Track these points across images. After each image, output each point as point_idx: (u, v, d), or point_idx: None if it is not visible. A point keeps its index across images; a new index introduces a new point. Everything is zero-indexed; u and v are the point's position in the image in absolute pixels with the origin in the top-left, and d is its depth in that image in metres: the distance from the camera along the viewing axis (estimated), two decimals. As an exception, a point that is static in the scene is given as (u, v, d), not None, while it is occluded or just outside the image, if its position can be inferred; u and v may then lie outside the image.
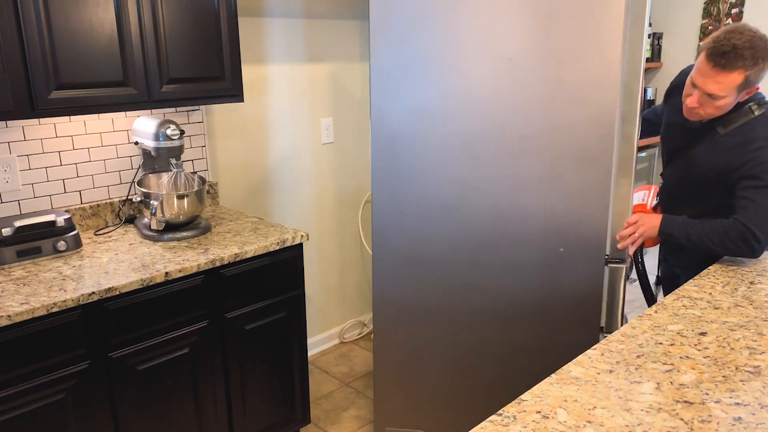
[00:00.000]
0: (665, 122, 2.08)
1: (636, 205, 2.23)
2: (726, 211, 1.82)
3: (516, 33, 1.88)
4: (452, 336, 2.21)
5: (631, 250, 2.00)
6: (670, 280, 2.18)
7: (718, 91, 1.72)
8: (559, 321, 2.08)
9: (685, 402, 1.19)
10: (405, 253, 2.18)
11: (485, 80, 1.93)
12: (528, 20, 1.85)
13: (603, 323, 2.05)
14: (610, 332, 2.05)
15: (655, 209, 2.18)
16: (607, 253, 1.99)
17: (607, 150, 1.87)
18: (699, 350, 1.38)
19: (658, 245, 2.23)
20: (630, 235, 1.94)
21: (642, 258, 2.18)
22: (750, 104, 1.79)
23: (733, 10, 4.97)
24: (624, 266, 1.99)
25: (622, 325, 2.06)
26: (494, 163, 1.99)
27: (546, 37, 1.85)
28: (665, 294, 2.19)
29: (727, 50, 1.66)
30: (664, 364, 1.33)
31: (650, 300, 2.21)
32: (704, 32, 5.13)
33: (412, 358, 2.28)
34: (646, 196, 2.24)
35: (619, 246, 1.98)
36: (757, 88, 1.77)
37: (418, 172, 2.08)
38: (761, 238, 1.75)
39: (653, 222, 1.92)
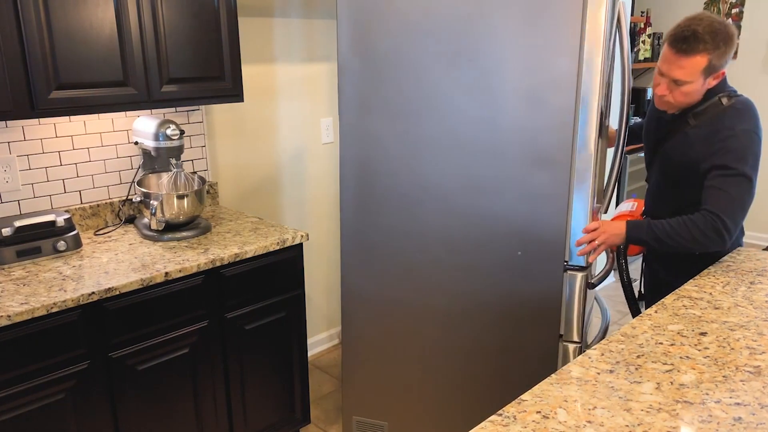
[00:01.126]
0: (647, 117, 2.07)
1: (621, 213, 2.18)
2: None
3: (478, 35, 1.87)
4: (416, 332, 2.23)
5: (591, 258, 1.94)
6: (658, 289, 2.09)
7: (683, 77, 1.74)
8: (519, 325, 2.06)
9: (685, 402, 1.19)
10: (372, 249, 2.20)
11: (448, 82, 1.94)
12: (489, 23, 1.85)
13: (562, 331, 2.01)
14: (570, 341, 2.00)
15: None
16: (566, 259, 1.95)
17: (565, 154, 1.85)
18: (699, 350, 1.38)
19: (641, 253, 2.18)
20: (590, 242, 1.89)
21: (626, 267, 2.12)
22: (720, 96, 1.80)
23: (734, 10, 4.97)
24: (584, 274, 1.94)
25: (583, 335, 2.00)
26: (456, 164, 2.00)
27: (507, 40, 1.84)
28: (649, 305, 2.12)
29: (688, 35, 1.69)
30: (664, 364, 1.33)
31: (635, 311, 2.15)
32: (704, 32, 5.13)
33: (377, 351, 2.31)
34: (635, 206, 2.20)
35: (577, 253, 1.93)
36: (723, 73, 1.77)
37: (385, 169, 2.10)
38: (731, 227, 1.73)
39: (616, 230, 1.87)
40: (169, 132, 2.16)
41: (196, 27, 2.13)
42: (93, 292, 1.76)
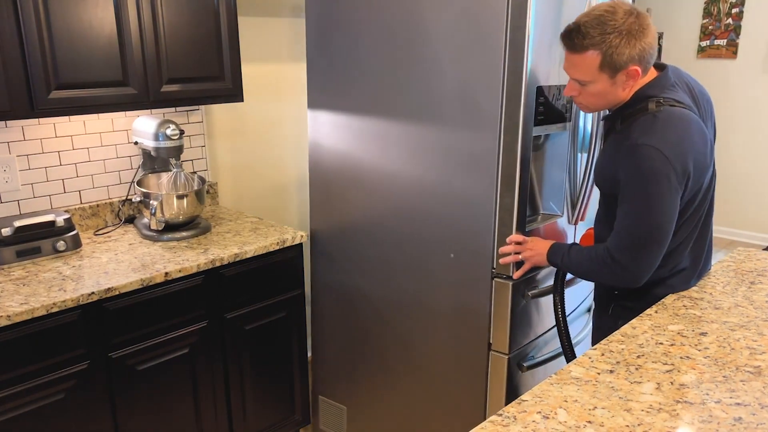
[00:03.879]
0: None
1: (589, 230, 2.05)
2: None
3: (417, 41, 1.93)
4: (371, 324, 2.31)
5: (516, 274, 1.86)
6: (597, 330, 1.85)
7: (580, 76, 1.54)
8: (454, 328, 2.06)
9: (686, 402, 1.19)
10: (332, 238, 2.34)
11: (393, 83, 2.01)
12: (425, 28, 1.89)
13: (491, 340, 1.98)
14: (498, 351, 1.97)
15: None
16: (494, 267, 1.92)
17: (491, 159, 1.83)
18: (699, 350, 1.38)
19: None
20: (513, 254, 1.82)
21: (562, 296, 1.88)
22: (650, 100, 1.53)
23: (734, 10, 4.97)
24: (510, 283, 1.88)
25: (510, 344, 1.94)
26: (402, 160, 2.06)
27: (441, 45, 1.87)
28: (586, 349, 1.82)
29: (572, 29, 1.50)
30: (664, 364, 1.33)
31: (567, 351, 1.88)
32: (704, 32, 5.14)
33: (340, 339, 2.43)
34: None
35: (500, 261, 1.88)
36: (637, 71, 1.51)
37: (343, 162, 2.22)
38: (624, 263, 1.53)
39: (541, 249, 1.76)
40: (168, 132, 2.16)
41: (196, 27, 2.13)
42: (93, 292, 1.76)
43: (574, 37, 1.50)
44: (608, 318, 1.74)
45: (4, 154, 2.09)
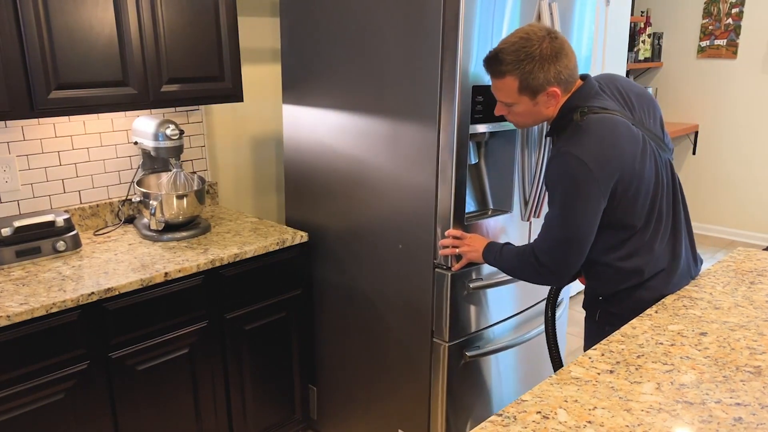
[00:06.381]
0: None
1: None
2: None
3: (371, 47, 2.00)
4: (339, 311, 2.39)
5: (456, 266, 1.91)
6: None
7: (504, 98, 1.62)
8: (401, 315, 2.14)
9: (686, 402, 1.19)
10: (303, 224, 2.44)
11: (353, 80, 2.09)
12: (379, 37, 1.98)
13: (434, 327, 2.03)
14: (438, 338, 2.01)
15: None
16: (435, 258, 1.97)
17: (431, 155, 1.90)
18: (699, 350, 1.38)
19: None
20: (451, 247, 1.88)
21: (553, 304, 1.89)
22: (576, 111, 1.57)
23: (734, 10, 4.97)
24: (449, 274, 1.93)
25: (450, 333, 1.98)
26: (359, 151, 2.13)
27: (392, 53, 1.94)
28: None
29: (491, 56, 1.58)
30: (664, 364, 1.33)
31: (555, 360, 1.92)
32: (704, 32, 5.14)
33: (324, 330, 2.50)
34: None
35: (439, 253, 1.92)
36: (556, 91, 1.56)
37: (311, 154, 2.32)
38: (547, 263, 1.60)
39: (478, 246, 1.82)
40: (168, 132, 2.16)
41: (196, 27, 2.13)
42: (92, 293, 1.76)
43: (492, 64, 1.58)
44: (596, 324, 1.76)
45: (4, 154, 2.09)
